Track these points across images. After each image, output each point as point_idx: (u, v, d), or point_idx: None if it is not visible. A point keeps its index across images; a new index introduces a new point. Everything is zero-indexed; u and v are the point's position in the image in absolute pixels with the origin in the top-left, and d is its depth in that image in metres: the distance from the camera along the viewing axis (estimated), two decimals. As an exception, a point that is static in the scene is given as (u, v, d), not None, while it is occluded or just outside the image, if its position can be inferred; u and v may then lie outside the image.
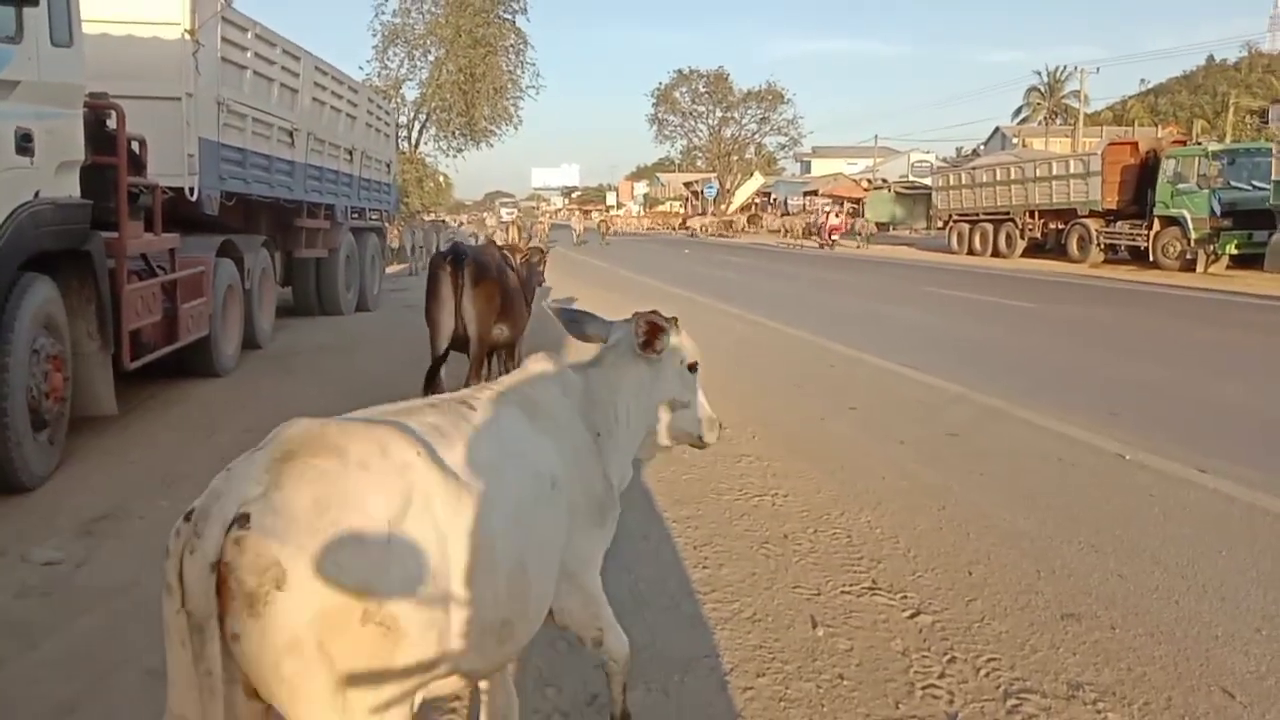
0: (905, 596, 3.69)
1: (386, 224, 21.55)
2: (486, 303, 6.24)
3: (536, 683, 3.01)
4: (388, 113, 17.26)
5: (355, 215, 14.11)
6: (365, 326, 12.58)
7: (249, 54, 9.32)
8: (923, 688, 2.99)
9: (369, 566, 1.57)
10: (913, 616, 3.51)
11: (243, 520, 1.51)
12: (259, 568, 1.49)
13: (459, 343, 6.30)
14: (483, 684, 2.34)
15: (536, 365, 2.34)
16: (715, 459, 5.61)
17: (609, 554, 2.23)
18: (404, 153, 31.35)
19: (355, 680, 1.56)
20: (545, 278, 9.39)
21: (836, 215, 42.44)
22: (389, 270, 17.82)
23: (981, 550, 4.17)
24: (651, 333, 2.43)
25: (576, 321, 2.69)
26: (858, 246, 37.49)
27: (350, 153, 13.30)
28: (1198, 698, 2.93)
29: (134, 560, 3.97)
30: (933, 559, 4.07)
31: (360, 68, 33.85)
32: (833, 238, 37.93)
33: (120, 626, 3.37)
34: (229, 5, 8.83)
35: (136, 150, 6.93)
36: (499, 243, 11.86)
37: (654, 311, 2.46)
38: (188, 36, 7.92)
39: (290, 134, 10.65)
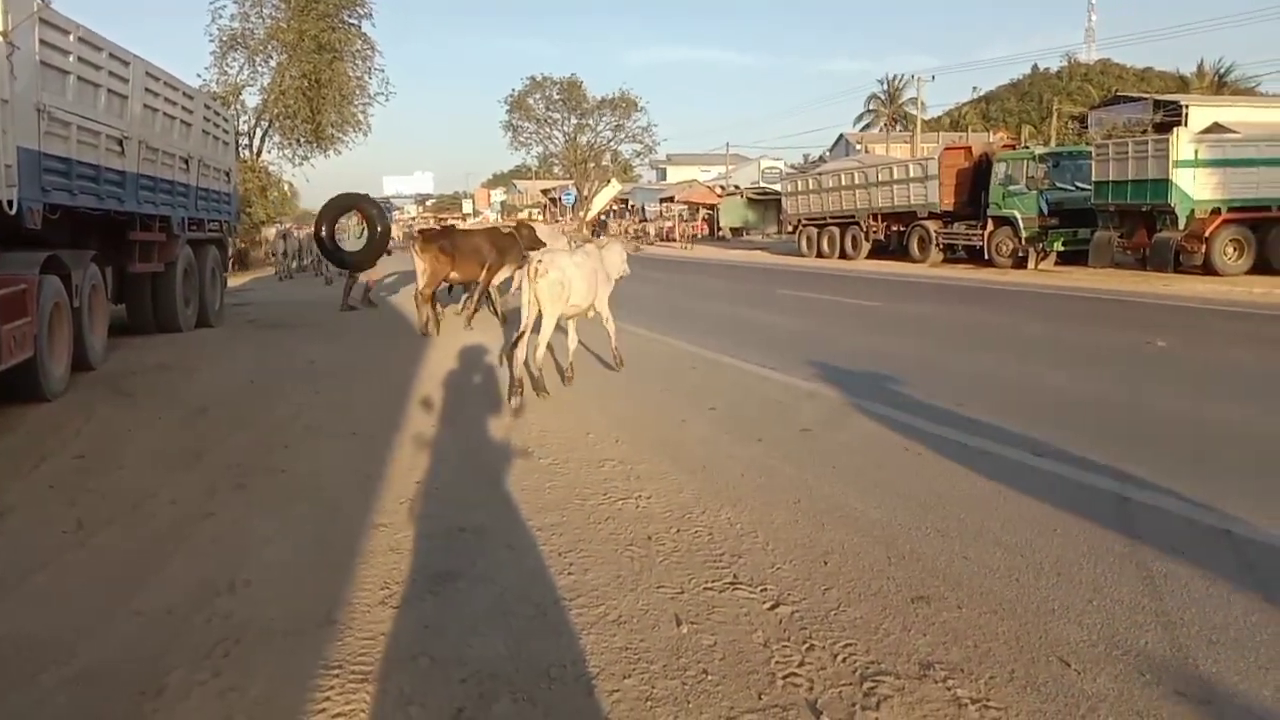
0: (765, 589, 3.77)
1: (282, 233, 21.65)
2: (436, 257, 12.39)
3: (398, 701, 2.94)
4: (226, 119, 16.55)
5: (193, 227, 13.46)
6: (206, 343, 12.02)
7: (72, 58, 8.77)
8: (783, 677, 3.06)
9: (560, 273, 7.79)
10: (773, 608, 3.59)
11: (544, 260, 7.71)
12: (546, 269, 7.63)
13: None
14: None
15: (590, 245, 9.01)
16: (580, 465, 5.62)
17: (472, 566, 2.27)
18: (246, 161, 30.11)
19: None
20: None
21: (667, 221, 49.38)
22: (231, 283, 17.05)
23: (836, 540, 4.30)
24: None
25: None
26: (683, 248, 41.99)
27: (186, 161, 12.71)
28: (1038, 668, 3.10)
29: (-48, 601, 3.68)
30: (790, 551, 4.17)
31: (199, 75, 32.32)
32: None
33: (-63, 674, 3.10)
34: (47, 6, 8.29)
35: (-56, 160, 6.44)
36: None
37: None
38: (0, 39, 7.41)
39: (120, 142, 10.09)
